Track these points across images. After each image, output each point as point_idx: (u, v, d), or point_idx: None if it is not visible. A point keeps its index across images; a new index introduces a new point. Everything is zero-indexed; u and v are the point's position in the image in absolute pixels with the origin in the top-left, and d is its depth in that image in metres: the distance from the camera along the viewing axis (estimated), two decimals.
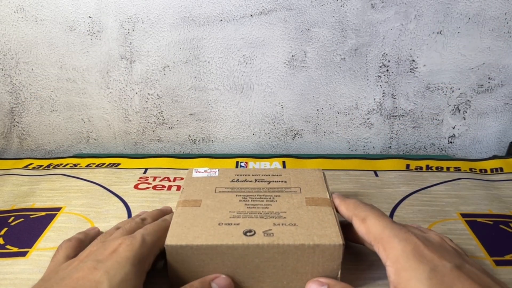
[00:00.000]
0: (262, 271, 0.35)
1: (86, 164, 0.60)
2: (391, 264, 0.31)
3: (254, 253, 0.34)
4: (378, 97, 0.63)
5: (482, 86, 0.62)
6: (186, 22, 0.58)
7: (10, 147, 0.68)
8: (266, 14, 0.57)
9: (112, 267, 0.31)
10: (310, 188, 0.41)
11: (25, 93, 0.63)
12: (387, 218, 0.35)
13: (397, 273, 0.30)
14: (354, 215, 0.36)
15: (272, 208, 0.38)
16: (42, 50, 0.60)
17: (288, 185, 0.42)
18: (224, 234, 0.34)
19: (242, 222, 0.36)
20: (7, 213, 0.48)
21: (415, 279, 0.29)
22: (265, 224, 0.35)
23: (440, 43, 0.59)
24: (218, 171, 0.45)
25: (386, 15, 0.57)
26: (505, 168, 0.57)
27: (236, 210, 0.38)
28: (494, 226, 0.45)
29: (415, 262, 0.30)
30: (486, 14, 0.57)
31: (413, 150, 0.68)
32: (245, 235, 0.34)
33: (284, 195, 0.40)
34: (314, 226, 0.35)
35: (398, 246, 0.31)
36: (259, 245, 0.33)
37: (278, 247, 0.33)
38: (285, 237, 0.34)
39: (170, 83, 0.62)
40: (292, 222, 0.36)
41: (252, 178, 0.44)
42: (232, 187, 0.42)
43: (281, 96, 0.63)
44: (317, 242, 0.33)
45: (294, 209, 0.38)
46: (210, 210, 0.38)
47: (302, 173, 0.44)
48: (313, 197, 0.40)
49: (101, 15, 0.58)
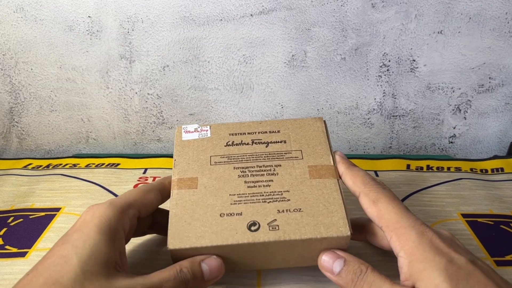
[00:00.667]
0: (268, 258, 0.35)
1: (86, 164, 0.60)
2: (405, 256, 0.30)
3: (260, 249, 0.33)
4: (379, 97, 0.63)
5: (483, 86, 0.62)
6: (186, 21, 0.58)
7: (9, 147, 0.68)
8: (266, 13, 0.57)
9: (79, 239, 0.29)
10: (312, 150, 0.39)
11: (24, 93, 0.63)
12: (401, 203, 0.33)
13: (411, 265, 0.30)
14: (363, 193, 0.34)
15: (274, 187, 0.36)
16: (41, 49, 0.60)
17: (288, 148, 0.39)
18: (228, 231, 0.33)
19: (244, 211, 0.34)
20: (7, 213, 0.48)
21: (430, 269, 0.29)
22: (269, 212, 0.34)
23: (440, 43, 0.59)
24: (209, 129, 0.41)
25: (387, 15, 0.57)
26: (506, 168, 0.57)
27: (236, 192, 0.36)
28: (494, 226, 0.45)
29: (431, 254, 0.29)
30: (486, 14, 0.56)
31: (413, 150, 0.68)
32: (250, 230, 0.33)
33: (285, 164, 0.38)
34: (320, 212, 0.34)
35: (414, 238, 0.30)
36: (265, 242, 0.33)
37: (285, 242, 0.33)
38: (291, 230, 0.33)
39: (170, 83, 0.62)
40: (297, 207, 0.34)
41: (248, 139, 0.40)
42: (228, 155, 0.38)
43: (281, 96, 0.63)
44: (325, 235, 0.32)
45: (297, 185, 0.36)
46: (209, 194, 0.36)
47: (302, 127, 0.41)
48: (316, 165, 0.37)
49: (101, 14, 0.57)
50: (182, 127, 0.41)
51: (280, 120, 0.42)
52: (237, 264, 0.35)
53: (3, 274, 0.38)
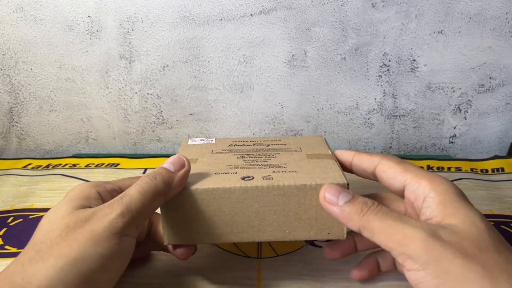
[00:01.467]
0: (262, 218, 0.32)
1: (85, 164, 0.60)
2: (436, 196, 0.29)
3: (253, 197, 0.32)
4: (379, 97, 0.63)
5: (483, 86, 0.62)
6: (185, 21, 0.58)
7: (9, 147, 0.68)
8: (266, 13, 0.57)
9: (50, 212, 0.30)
10: (311, 148, 0.39)
11: (24, 93, 0.63)
12: None
13: (444, 203, 0.28)
14: (384, 159, 0.33)
15: (271, 162, 0.36)
16: (41, 49, 0.60)
17: (288, 146, 0.40)
18: (221, 180, 0.32)
19: (240, 172, 0.34)
20: (6, 213, 0.48)
21: (466, 208, 0.28)
22: (264, 172, 0.34)
23: (441, 43, 0.58)
24: (214, 139, 0.44)
25: (387, 15, 0.57)
26: (506, 168, 0.57)
27: (233, 164, 0.36)
28: (495, 226, 0.44)
29: (465, 201, 0.29)
30: (487, 14, 0.56)
31: (414, 150, 0.68)
32: (243, 180, 0.32)
33: (284, 153, 0.38)
34: (316, 172, 0.33)
35: (447, 185, 0.30)
36: (258, 187, 0.31)
37: (278, 188, 0.31)
38: (285, 179, 0.32)
39: (169, 82, 0.62)
40: (293, 170, 0.34)
41: (250, 143, 0.42)
42: (230, 149, 0.40)
43: (281, 96, 0.63)
44: (320, 182, 0.31)
45: (295, 161, 0.36)
46: (207, 165, 0.36)
47: (303, 138, 0.43)
48: (314, 153, 0.38)
49: (100, 14, 0.57)
50: (189, 139, 0.44)
51: (281, 137, 0.44)
52: (230, 225, 0.33)
53: None
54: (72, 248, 0.26)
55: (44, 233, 0.28)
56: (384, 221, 0.28)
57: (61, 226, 0.27)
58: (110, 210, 0.28)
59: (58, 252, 0.26)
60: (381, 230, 0.28)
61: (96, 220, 0.27)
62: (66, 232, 0.27)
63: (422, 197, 0.30)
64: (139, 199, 0.29)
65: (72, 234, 0.27)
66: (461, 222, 0.27)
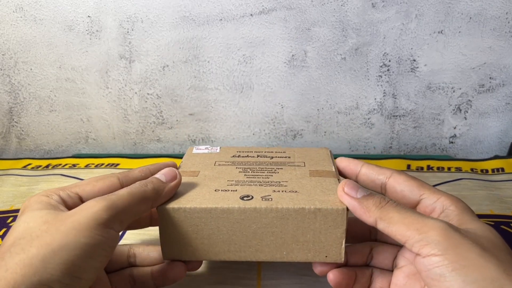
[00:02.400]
0: (259, 239, 0.32)
1: (85, 164, 0.60)
2: (455, 209, 0.30)
3: (251, 218, 0.32)
4: (379, 97, 0.63)
5: (483, 86, 0.61)
6: (185, 21, 0.58)
7: (8, 147, 0.68)
8: (266, 13, 0.57)
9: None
10: (315, 162, 0.39)
11: (24, 93, 0.63)
12: None
13: (462, 215, 0.29)
14: (397, 172, 0.34)
15: (273, 178, 0.36)
16: (41, 49, 0.60)
17: (292, 160, 0.40)
18: (220, 198, 0.32)
19: (240, 189, 0.34)
20: (6, 213, 0.48)
21: (483, 223, 0.28)
22: (265, 191, 0.34)
23: (441, 43, 0.58)
24: (219, 148, 0.43)
25: (387, 15, 0.57)
26: (507, 169, 0.57)
27: (234, 179, 0.36)
28: (495, 226, 0.45)
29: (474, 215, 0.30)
30: (487, 14, 0.56)
31: (414, 150, 0.68)
32: (242, 200, 0.32)
33: (286, 168, 0.38)
34: (316, 193, 0.33)
35: (465, 204, 0.31)
36: (256, 209, 0.31)
37: (277, 211, 0.31)
38: (284, 201, 0.32)
39: (169, 82, 0.62)
40: (293, 189, 0.34)
41: (254, 154, 0.42)
42: (233, 161, 0.40)
43: (281, 96, 0.63)
44: (319, 206, 0.31)
45: (297, 179, 0.36)
46: (208, 179, 0.36)
47: (308, 151, 0.43)
48: (317, 170, 0.38)
49: (100, 14, 0.57)
50: (194, 146, 0.44)
51: (286, 148, 0.44)
52: (227, 243, 0.33)
53: None
54: (54, 238, 0.26)
55: (21, 231, 0.27)
56: (403, 213, 0.28)
57: (39, 222, 0.27)
58: (95, 203, 0.28)
59: (40, 242, 0.26)
60: (399, 220, 0.28)
61: (80, 211, 0.27)
62: (46, 226, 0.27)
63: (441, 209, 0.30)
64: (126, 198, 0.30)
65: (53, 226, 0.27)
66: (478, 228, 0.28)
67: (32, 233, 0.26)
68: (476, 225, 0.28)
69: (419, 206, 0.32)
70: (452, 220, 0.29)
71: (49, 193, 0.31)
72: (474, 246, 0.26)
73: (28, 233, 0.26)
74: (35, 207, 0.29)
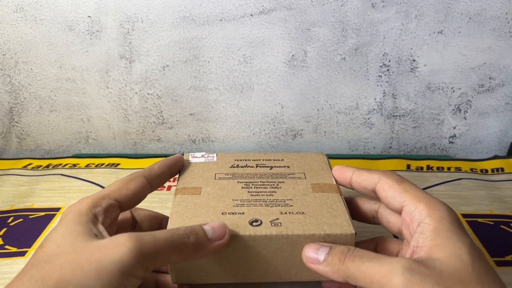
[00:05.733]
0: (269, 263, 0.33)
1: (86, 164, 0.60)
2: (431, 222, 0.29)
3: (262, 244, 0.32)
4: (379, 97, 0.63)
5: (483, 86, 0.62)
6: (185, 21, 0.58)
7: (9, 147, 0.68)
8: (266, 13, 0.57)
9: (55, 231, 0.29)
10: (315, 173, 0.40)
11: (24, 93, 0.63)
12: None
13: (436, 230, 0.28)
14: (384, 176, 0.33)
15: (277, 196, 0.36)
16: (41, 49, 0.60)
17: (292, 171, 0.40)
18: (229, 225, 0.32)
19: (247, 211, 0.34)
20: (6, 213, 0.48)
21: (456, 240, 0.28)
22: (272, 213, 0.34)
23: (440, 43, 0.59)
24: (215, 156, 0.43)
25: (387, 15, 0.57)
26: (506, 168, 0.57)
27: (239, 198, 0.36)
28: (495, 226, 0.45)
29: (460, 229, 0.28)
30: (487, 14, 0.56)
31: (413, 150, 0.68)
32: (252, 225, 0.32)
33: (288, 181, 0.38)
34: (323, 215, 0.34)
35: (444, 210, 0.30)
36: (267, 236, 0.32)
37: (287, 237, 0.32)
38: (294, 226, 0.32)
39: (169, 83, 0.62)
40: (300, 211, 0.34)
41: (253, 163, 0.42)
42: (233, 173, 0.40)
43: (281, 96, 0.63)
44: (328, 232, 0.32)
45: (301, 196, 0.36)
46: (212, 198, 0.36)
47: (305, 158, 0.43)
48: (319, 183, 0.38)
49: (101, 14, 0.57)
50: (189, 154, 0.43)
51: (283, 153, 0.44)
52: (237, 268, 0.34)
53: (2, 273, 0.38)
54: (74, 275, 0.25)
55: (49, 251, 0.27)
56: (360, 265, 0.28)
57: (67, 247, 0.27)
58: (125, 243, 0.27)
59: (59, 276, 0.25)
60: (361, 276, 0.28)
61: (107, 250, 0.26)
62: (72, 257, 0.26)
63: (418, 221, 0.30)
64: (161, 244, 0.28)
65: (77, 260, 0.26)
66: (446, 255, 0.27)
67: (56, 260, 0.26)
68: (445, 251, 0.27)
69: (403, 214, 0.32)
70: (424, 241, 0.28)
71: (90, 204, 0.30)
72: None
73: (53, 258, 0.26)
74: (72, 221, 0.29)
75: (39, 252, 0.28)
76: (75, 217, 0.29)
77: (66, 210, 0.31)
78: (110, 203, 0.32)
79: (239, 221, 0.33)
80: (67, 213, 0.30)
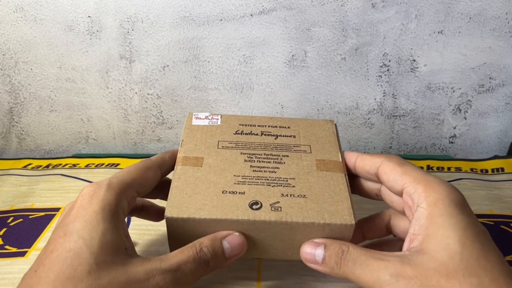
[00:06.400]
0: (267, 244, 0.33)
1: (85, 164, 0.60)
2: (426, 207, 0.28)
3: (260, 228, 0.32)
4: (379, 97, 0.63)
5: (483, 86, 0.62)
6: (186, 21, 0.58)
7: (9, 147, 0.68)
8: (266, 13, 0.57)
9: (85, 229, 0.27)
10: (321, 146, 0.39)
11: (24, 93, 0.63)
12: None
13: (431, 217, 0.28)
14: (386, 159, 0.33)
15: (280, 173, 0.36)
16: (41, 49, 0.60)
17: (297, 142, 0.39)
18: (229, 206, 0.32)
19: (247, 191, 0.34)
20: (6, 213, 0.48)
21: (448, 226, 0.27)
22: (273, 195, 0.33)
23: (441, 43, 0.59)
24: (220, 118, 0.41)
25: (387, 15, 0.57)
26: (506, 168, 0.57)
27: (241, 174, 0.35)
28: (495, 226, 0.45)
29: (456, 210, 0.27)
30: (487, 14, 0.56)
31: (413, 150, 0.68)
32: (251, 209, 0.32)
33: (292, 155, 0.38)
34: (325, 200, 0.33)
35: (442, 191, 0.29)
36: (266, 221, 0.32)
37: (286, 224, 0.32)
38: (293, 212, 0.32)
39: (169, 83, 0.62)
40: (302, 193, 0.34)
41: (258, 129, 0.40)
42: (236, 142, 0.39)
43: (281, 96, 0.63)
44: (328, 221, 0.32)
45: (304, 174, 0.36)
46: (213, 172, 0.35)
47: (313, 126, 0.41)
48: (324, 159, 0.37)
49: (101, 14, 0.57)
50: (193, 114, 0.42)
51: (291, 118, 0.42)
52: None
53: (3, 274, 0.38)
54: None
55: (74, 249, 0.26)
56: (354, 271, 0.29)
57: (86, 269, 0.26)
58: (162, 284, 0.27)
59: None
60: (357, 281, 0.29)
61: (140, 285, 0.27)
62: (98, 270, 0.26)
63: (416, 205, 0.29)
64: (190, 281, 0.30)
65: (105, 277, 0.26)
66: (435, 247, 0.27)
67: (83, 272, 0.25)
68: (434, 242, 0.27)
69: (404, 196, 0.31)
70: (419, 230, 0.28)
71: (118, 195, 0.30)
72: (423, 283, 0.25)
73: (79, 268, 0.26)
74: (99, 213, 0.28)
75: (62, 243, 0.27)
76: (102, 208, 0.28)
77: (87, 197, 0.29)
78: (133, 195, 0.32)
79: (239, 202, 0.33)
80: (90, 202, 0.29)
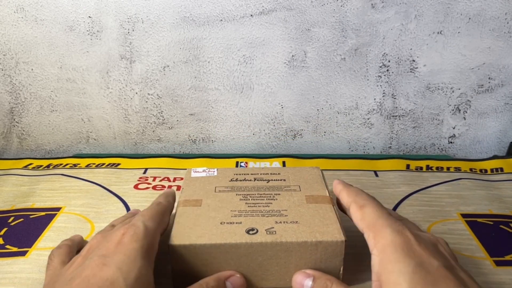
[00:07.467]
0: (265, 269, 0.35)
1: (86, 164, 0.60)
2: (377, 254, 0.31)
3: (257, 251, 0.34)
4: (378, 97, 0.63)
5: (483, 86, 0.62)
6: (186, 22, 0.58)
7: (10, 147, 0.68)
8: (266, 14, 0.57)
9: (124, 263, 0.29)
10: (309, 186, 0.42)
11: (25, 93, 0.63)
12: (385, 209, 0.34)
13: (382, 264, 0.30)
14: (353, 201, 0.36)
15: (273, 207, 0.38)
16: (42, 50, 0.60)
17: (288, 183, 0.42)
18: (227, 233, 0.35)
19: (244, 221, 0.36)
20: (7, 213, 0.48)
21: (398, 272, 0.28)
22: (267, 222, 0.36)
23: (440, 43, 0.59)
24: (216, 170, 0.45)
25: (386, 15, 0.57)
26: (506, 168, 0.57)
27: (237, 209, 0.38)
28: (494, 226, 0.45)
29: (402, 255, 0.29)
30: (486, 14, 0.57)
31: (413, 150, 0.68)
32: (248, 234, 0.34)
33: (284, 193, 0.41)
34: (315, 223, 0.36)
35: (388, 236, 0.31)
36: (262, 243, 0.34)
37: (281, 244, 0.34)
38: (287, 234, 0.34)
39: (170, 83, 0.62)
40: (294, 220, 0.36)
41: (251, 177, 0.44)
42: (232, 186, 0.42)
43: (281, 96, 0.63)
44: (320, 239, 0.34)
45: (295, 207, 0.38)
46: (212, 210, 0.38)
47: (300, 171, 0.45)
48: (312, 195, 0.40)
49: (101, 15, 0.58)
50: (192, 169, 0.46)
51: (280, 167, 0.47)
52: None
53: (3, 273, 0.38)
54: None
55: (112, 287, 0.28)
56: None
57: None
58: None
59: None
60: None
61: None
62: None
63: (370, 251, 0.32)
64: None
65: None
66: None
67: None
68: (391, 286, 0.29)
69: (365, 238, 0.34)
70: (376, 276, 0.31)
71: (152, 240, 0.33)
72: None
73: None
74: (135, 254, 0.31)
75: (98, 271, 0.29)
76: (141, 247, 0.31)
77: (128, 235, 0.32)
78: (159, 238, 0.35)
79: (237, 229, 0.35)
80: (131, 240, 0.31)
